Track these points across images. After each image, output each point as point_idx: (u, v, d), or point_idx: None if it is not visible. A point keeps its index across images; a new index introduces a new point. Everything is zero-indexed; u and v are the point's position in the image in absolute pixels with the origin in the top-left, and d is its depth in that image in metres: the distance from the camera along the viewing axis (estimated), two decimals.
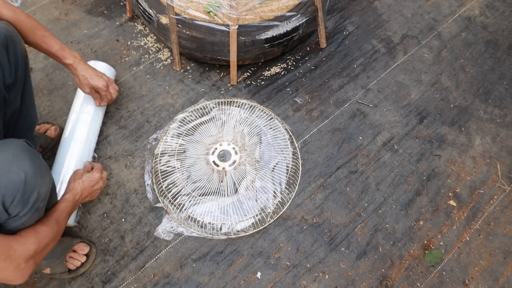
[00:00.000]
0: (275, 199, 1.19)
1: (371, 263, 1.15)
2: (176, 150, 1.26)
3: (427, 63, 1.54)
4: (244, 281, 1.12)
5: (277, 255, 1.15)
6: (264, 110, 1.35)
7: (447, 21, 1.66)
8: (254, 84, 1.45)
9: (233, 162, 1.26)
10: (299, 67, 1.51)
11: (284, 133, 1.30)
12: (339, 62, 1.53)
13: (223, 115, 1.33)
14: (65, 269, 1.07)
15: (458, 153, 1.35)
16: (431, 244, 1.19)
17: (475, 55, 1.57)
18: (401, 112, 1.42)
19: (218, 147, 1.28)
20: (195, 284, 1.11)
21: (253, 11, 1.34)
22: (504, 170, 1.33)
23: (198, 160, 1.25)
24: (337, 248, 1.17)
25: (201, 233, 1.15)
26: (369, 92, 1.46)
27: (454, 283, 1.14)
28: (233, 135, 1.30)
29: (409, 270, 1.15)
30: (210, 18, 1.33)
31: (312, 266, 1.14)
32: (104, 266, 1.12)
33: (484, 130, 1.40)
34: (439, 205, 1.25)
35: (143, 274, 1.11)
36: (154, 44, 1.54)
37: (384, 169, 1.30)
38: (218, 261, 1.14)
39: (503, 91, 1.49)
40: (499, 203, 1.27)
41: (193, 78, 1.46)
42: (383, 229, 1.20)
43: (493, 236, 1.21)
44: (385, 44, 1.58)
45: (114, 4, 1.64)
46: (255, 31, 1.33)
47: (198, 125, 1.32)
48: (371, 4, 1.69)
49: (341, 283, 1.12)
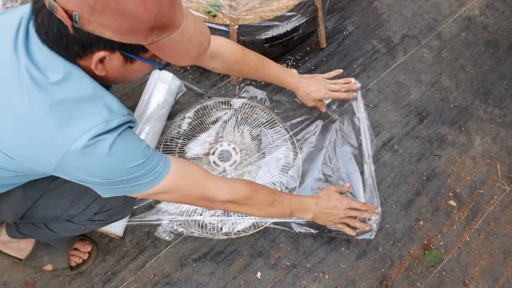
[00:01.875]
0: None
1: (371, 263, 1.15)
2: (176, 150, 1.26)
3: (427, 63, 1.54)
4: (244, 281, 1.12)
5: (277, 255, 1.15)
6: (264, 110, 1.35)
7: (447, 21, 1.66)
8: (254, 84, 1.45)
9: (233, 162, 1.26)
10: (299, 67, 1.51)
11: (284, 133, 1.30)
12: (339, 62, 1.53)
13: (223, 115, 1.33)
14: (67, 265, 1.07)
15: (458, 153, 1.35)
16: (431, 244, 1.19)
17: (475, 55, 1.57)
18: (401, 112, 1.42)
19: (218, 147, 1.28)
20: (195, 284, 1.11)
21: (253, 11, 1.34)
22: (504, 170, 1.33)
23: (198, 160, 1.25)
24: (337, 248, 1.17)
25: (201, 233, 1.15)
26: (369, 92, 1.46)
27: (454, 283, 1.14)
28: (233, 135, 1.30)
29: (409, 270, 1.15)
30: (210, 18, 1.33)
31: (312, 266, 1.14)
32: (104, 266, 1.12)
33: (484, 130, 1.40)
34: (439, 205, 1.25)
35: (143, 274, 1.11)
36: None
37: (384, 169, 1.31)
38: (218, 261, 1.14)
39: (503, 91, 1.49)
40: (499, 203, 1.27)
41: (193, 78, 1.46)
42: (383, 229, 1.20)
43: (493, 236, 1.21)
44: (385, 44, 1.58)
45: None
46: (255, 31, 1.33)
47: (198, 125, 1.32)
48: (371, 4, 1.69)
49: (341, 283, 1.12)
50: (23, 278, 1.09)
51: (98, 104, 0.63)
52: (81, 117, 0.61)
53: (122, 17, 0.56)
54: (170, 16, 0.61)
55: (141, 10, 0.57)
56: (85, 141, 0.60)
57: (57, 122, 0.60)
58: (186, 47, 0.66)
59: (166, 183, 0.74)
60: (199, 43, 0.69)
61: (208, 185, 0.83)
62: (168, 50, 0.64)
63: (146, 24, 0.58)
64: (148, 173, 0.70)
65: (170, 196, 0.79)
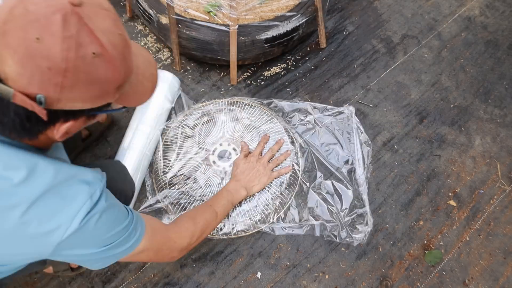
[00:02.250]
0: (275, 199, 1.19)
1: (371, 263, 1.15)
2: (176, 150, 1.26)
3: (427, 63, 1.54)
4: (244, 281, 1.12)
5: (277, 255, 1.15)
6: (264, 110, 1.35)
7: (447, 21, 1.66)
8: (254, 84, 1.45)
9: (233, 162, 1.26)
10: (299, 67, 1.51)
11: (284, 133, 1.30)
12: (339, 62, 1.53)
13: (223, 115, 1.33)
14: (68, 266, 1.07)
15: (458, 153, 1.35)
16: (431, 244, 1.19)
17: (475, 55, 1.57)
18: (401, 112, 1.42)
19: (218, 147, 1.28)
20: (195, 284, 1.11)
21: (253, 11, 1.34)
22: (504, 170, 1.33)
23: (198, 160, 1.25)
24: (337, 248, 1.17)
25: None
26: (369, 92, 1.46)
27: (454, 283, 1.14)
28: (233, 135, 1.30)
29: (409, 270, 1.15)
30: (210, 18, 1.33)
31: (312, 266, 1.14)
32: None
33: (484, 130, 1.40)
34: (439, 205, 1.25)
35: (143, 274, 1.11)
36: (154, 44, 1.54)
37: (384, 169, 1.31)
38: (218, 261, 1.14)
39: (503, 91, 1.49)
40: (499, 203, 1.27)
41: (193, 78, 1.46)
42: (383, 229, 1.20)
43: (493, 236, 1.21)
44: (385, 44, 1.58)
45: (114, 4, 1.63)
46: (255, 31, 1.33)
47: (198, 125, 1.32)
48: (371, 4, 1.69)
49: (341, 283, 1.12)
50: (23, 278, 1.09)
51: (74, 183, 0.61)
52: (64, 204, 0.59)
53: (93, 85, 0.54)
54: (131, 63, 0.60)
55: (111, 72, 0.55)
56: (76, 225, 0.59)
57: (40, 221, 0.57)
58: (143, 84, 0.65)
59: (144, 239, 0.73)
60: (151, 74, 0.67)
61: (172, 237, 0.83)
62: (131, 95, 0.63)
63: (116, 84, 0.57)
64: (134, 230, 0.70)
65: (146, 255, 0.77)
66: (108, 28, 0.54)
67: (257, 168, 1.18)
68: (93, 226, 0.61)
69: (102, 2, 0.56)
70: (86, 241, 0.63)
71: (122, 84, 0.59)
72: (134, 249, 0.71)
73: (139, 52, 0.66)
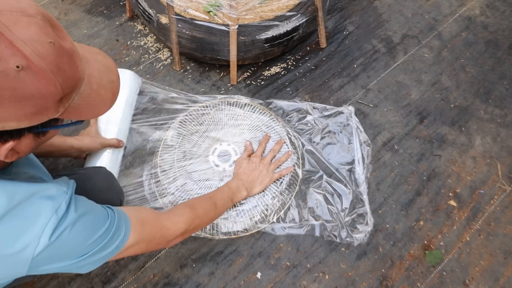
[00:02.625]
0: (275, 199, 1.19)
1: (371, 263, 1.15)
2: (176, 150, 1.26)
3: (427, 63, 1.54)
4: (244, 281, 1.11)
5: (277, 255, 1.15)
6: (264, 110, 1.34)
7: (448, 21, 1.65)
8: (254, 84, 1.45)
9: (233, 162, 1.25)
10: (299, 67, 1.50)
11: (284, 133, 1.30)
12: (339, 62, 1.53)
13: (223, 115, 1.33)
14: None
15: (458, 153, 1.35)
16: (431, 244, 1.19)
17: (476, 55, 1.57)
18: (401, 112, 1.42)
19: (218, 147, 1.27)
20: (195, 284, 1.10)
21: (253, 11, 1.34)
22: (504, 170, 1.33)
23: (198, 160, 1.25)
24: (337, 248, 1.17)
25: (201, 233, 1.15)
26: (369, 92, 1.46)
27: (454, 283, 1.14)
28: (233, 135, 1.30)
29: (409, 270, 1.15)
30: (210, 18, 1.33)
31: (312, 266, 1.14)
32: (103, 266, 1.12)
33: (484, 130, 1.40)
34: (439, 205, 1.25)
35: (143, 274, 1.11)
36: (154, 44, 1.54)
37: (384, 169, 1.30)
38: (218, 261, 1.14)
39: (504, 91, 1.49)
40: (499, 203, 1.26)
41: (193, 78, 1.46)
42: (383, 229, 1.20)
43: (494, 236, 1.21)
44: (385, 44, 1.58)
45: (113, 3, 1.64)
46: (255, 31, 1.33)
47: (198, 125, 1.31)
48: (371, 4, 1.69)
49: (341, 283, 1.12)
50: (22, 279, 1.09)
51: (36, 201, 0.58)
52: (28, 224, 0.56)
53: (24, 102, 0.49)
54: (74, 72, 0.54)
55: (43, 86, 0.50)
56: (46, 241, 0.57)
57: (5, 244, 0.55)
58: (98, 94, 0.59)
59: (132, 235, 0.72)
60: (110, 82, 0.61)
61: (165, 224, 0.82)
62: (83, 108, 0.57)
63: (54, 98, 0.52)
64: (117, 230, 0.68)
65: (138, 248, 0.76)
66: (33, 36, 0.49)
67: (260, 169, 1.18)
68: (66, 238, 0.59)
69: (26, 8, 0.50)
70: (63, 253, 0.61)
71: (66, 96, 0.54)
72: (122, 247, 0.70)
73: (94, 58, 0.60)
